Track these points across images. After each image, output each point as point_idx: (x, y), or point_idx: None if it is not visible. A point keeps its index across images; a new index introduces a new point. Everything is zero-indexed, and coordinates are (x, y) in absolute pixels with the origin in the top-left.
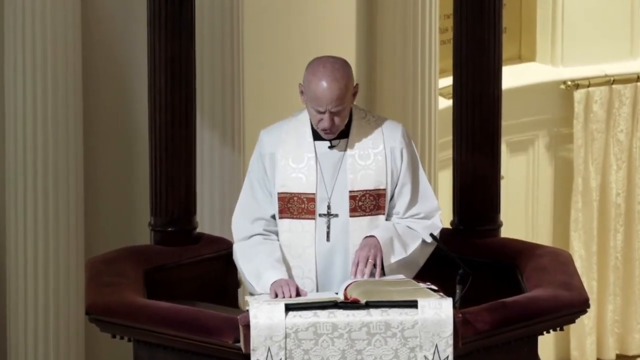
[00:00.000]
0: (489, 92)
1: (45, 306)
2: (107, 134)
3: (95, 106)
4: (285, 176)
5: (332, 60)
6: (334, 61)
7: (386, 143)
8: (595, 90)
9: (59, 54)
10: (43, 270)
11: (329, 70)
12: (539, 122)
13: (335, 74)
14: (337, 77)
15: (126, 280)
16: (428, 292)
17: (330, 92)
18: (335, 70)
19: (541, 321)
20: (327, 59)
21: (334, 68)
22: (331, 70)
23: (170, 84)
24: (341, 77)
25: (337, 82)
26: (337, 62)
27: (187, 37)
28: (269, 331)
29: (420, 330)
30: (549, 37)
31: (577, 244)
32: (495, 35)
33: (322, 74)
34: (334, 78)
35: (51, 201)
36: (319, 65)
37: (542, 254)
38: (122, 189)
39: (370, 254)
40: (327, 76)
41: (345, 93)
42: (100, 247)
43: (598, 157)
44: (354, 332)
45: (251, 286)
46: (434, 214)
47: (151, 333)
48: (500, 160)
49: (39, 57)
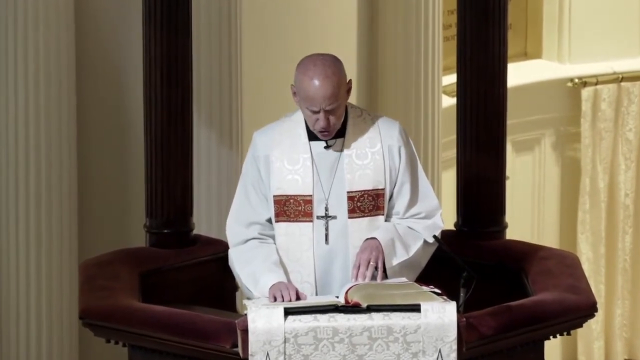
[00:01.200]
0: (493, 90)
1: (37, 310)
2: (102, 133)
3: (89, 104)
4: (280, 178)
5: (321, 58)
6: (323, 58)
7: (383, 141)
8: (603, 88)
9: (51, 51)
10: (35, 274)
11: (319, 68)
12: (545, 120)
13: (326, 70)
14: (329, 74)
15: (121, 284)
16: (431, 296)
17: (324, 90)
18: (326, 67)
19: (547, 325)
20: (316, 56)
21: (325, 65)
22: (322, 67)
23: (166, 82)
24: (333, 73)
25: (329, 79)
26: (327, 59)
27: (184, 32)
28: (267, 336)
29: (423, 334)
30: (555, 33)
31: (585, 246)
32: (500, 32)
33: (313, 73)
34: (326, 75)
35: (44, 202)
36: (309, 63)
37: (548, 257)
38: (117, 190)
39: (371, 256)
40: (318, 74)
41: (338, 90)
42: (94, 250)
43: (606, 156)
44: (355, 337)
45: (248, 291)
46: (435, 213)
47: (146, 338)
48: (505, 160)
49: (31, 53)
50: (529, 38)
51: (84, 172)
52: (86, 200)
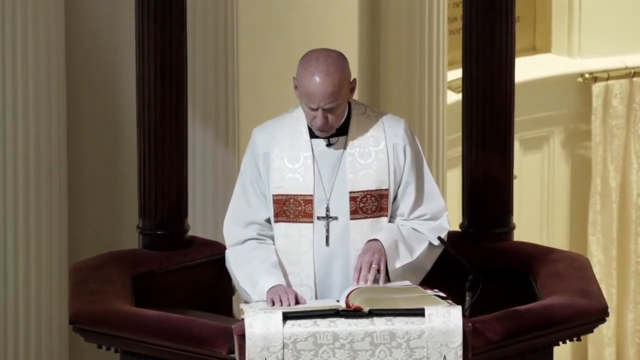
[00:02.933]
0: (500, 86)
1: (26, 315)
2: (93, 130)
3: (80, 100)
4: (280, 177)
5: (326, 54)
6: (327, 54)
7: (388, 140)
8: (615, 83)
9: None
10: (24, 277)
11: (322, 64)
12: (554, 117)
13: (329, 68)
14: (331, 71)
15: (112, 287)
16: (436, 300)
17: (323, 88)
18: (329, 64)
19: (557, 331)
20: (321, 51)
21: (328, 62)
22: (325, 64)
23: (159, 77)
24: (335, 71)
25: (330, 77)
26: (331, 56)
27: (178, 26)
28: (265, 341)
29: (428, 340)
30: (565, 26)
31: (596, 249)
32: (507, 25)
33: (315, 68)
34: (327, 72)
35: (32, 202)
36: (312, 58)
37: (557, 259)
38: (109, 189)
39: (373, 259)
40: (320, 71)
41: (339, 89)
42: (85, 252)
43: (618, 155)
44: (357, 343)
45: (246, 294)
46: (441, 214)
47: (139, 343)
48: (512, 158)
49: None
50: (537, 31)
51: (74, 171)
52: (77, 200)
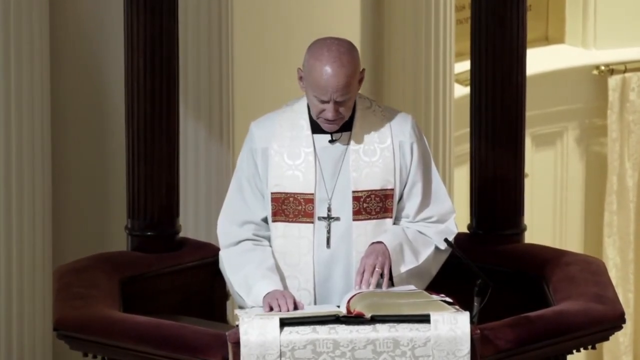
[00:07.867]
0: (511, 79)
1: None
2: (79, 126)
3: (64, 94)
4: (279, 174)
5: (337, 43)
6: (339, 44)
7: (394, 137)
8: (632, 76)
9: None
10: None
11: (334, 55)
12: (568, 112)
13: (342, 58)
14: (344, 62)
15: (99, 292)
16: (442, 306)
17: (337, 80)
18: (341, 55)
19: (570, 338)
20: (331, 41)
21: (340, 52)
22: (337, 54)
23: (149, 69)
24: (348, 62)
25: (343, 68)
26: (343, 45)
27: (169, 14)
28: (261, 349)
29: (434, 348)
30: (580, 16)
31: (612, 251)
32: (518, 14)
33: (327, 59)
34: (341, 63)
35: (14, 202)
36: (323, 48)
37: (571, 262)
38: (95, 188)
39: (377, 262)
40: (332, 61)
41: (352, 80)
42: (70, 254)
43: (635, 152)
44: (358, 351)
45: (241, 299)
46: (448, 217)
47: (128, 351)
48: (524, 155)
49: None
50: (550, 21)
51: (58, 169)
52: (61, 200)
